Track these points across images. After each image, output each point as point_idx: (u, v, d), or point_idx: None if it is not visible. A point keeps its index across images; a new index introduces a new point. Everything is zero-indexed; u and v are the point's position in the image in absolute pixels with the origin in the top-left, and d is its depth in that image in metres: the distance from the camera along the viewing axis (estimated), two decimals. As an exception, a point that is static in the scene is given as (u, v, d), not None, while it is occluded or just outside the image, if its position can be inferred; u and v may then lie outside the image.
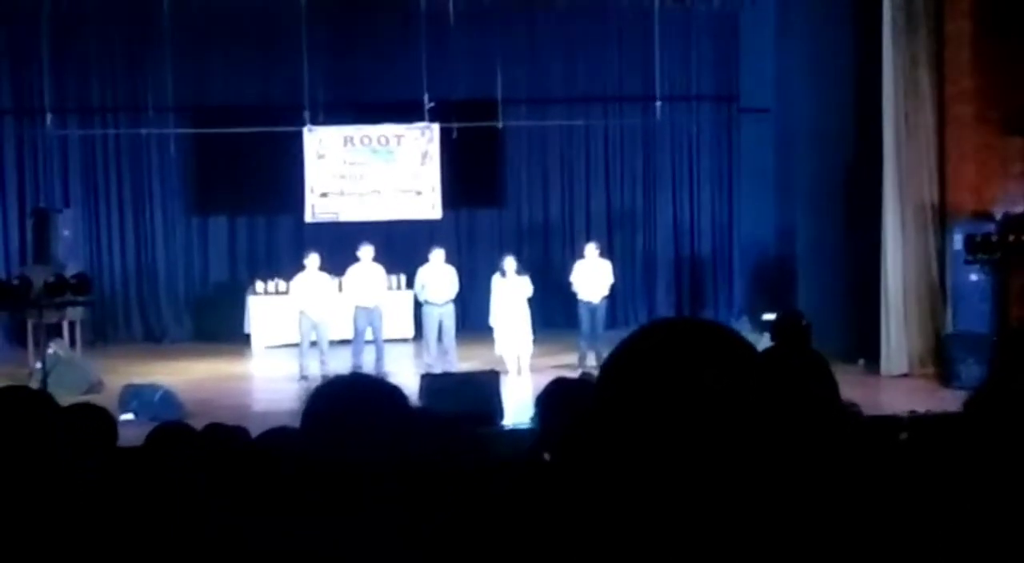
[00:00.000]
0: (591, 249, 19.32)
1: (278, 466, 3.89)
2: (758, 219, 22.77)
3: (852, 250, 18.70)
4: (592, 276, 18.95)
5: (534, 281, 18.77)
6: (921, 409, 10.93)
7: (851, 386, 9.55)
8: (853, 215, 18.72)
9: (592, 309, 18.81)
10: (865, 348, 17.80)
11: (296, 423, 2.91)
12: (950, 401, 11.93)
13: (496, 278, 18.73)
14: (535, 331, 18.69)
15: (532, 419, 5.69)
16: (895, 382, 17.00)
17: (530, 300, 18.60)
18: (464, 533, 2.44)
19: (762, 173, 22.61)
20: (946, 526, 2.40)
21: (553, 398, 5.46)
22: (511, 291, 18.48)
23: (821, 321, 17.16)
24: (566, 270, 19.72)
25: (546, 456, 4.91)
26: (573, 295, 19.03)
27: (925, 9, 17.55)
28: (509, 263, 18.61)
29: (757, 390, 1.88)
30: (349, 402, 2.85)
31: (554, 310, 20.97)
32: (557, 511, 2.07)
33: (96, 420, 5.35)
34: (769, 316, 17.75)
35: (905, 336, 17.55)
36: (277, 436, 4.77)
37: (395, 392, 2.91)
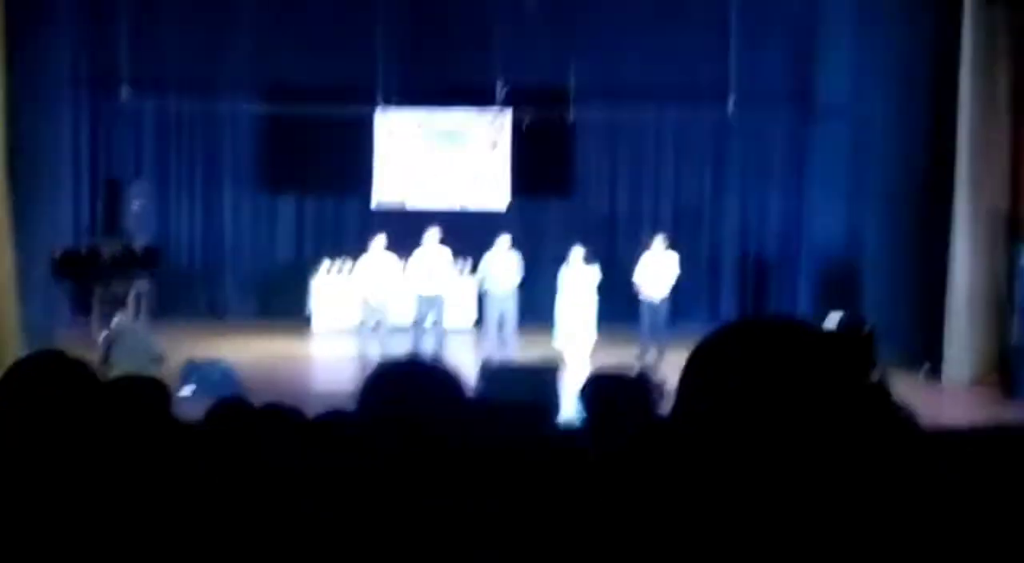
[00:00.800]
0: (658, 241, 19.25)
1: (332, 453, 3.89)
2: (827, 221, 22.60)
3: (921, 256, 18.54)
4: (657, 269, 18.89)
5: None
6: (982, 420, 10.82)
7: (912, 393, 9.44)
8: (923, 221, 18.55)
9: (654, 308, 18.76)
10: (930, 355, 17.67)
11: (353, 405, 2.91)
12: (1013, 413, 11.83)
13: (563, 270, 18.75)
14: (598, 324, 18.68)
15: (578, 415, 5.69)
16: (957, 391, 16.85)
17: (598, 289, 18.63)
18: (514, 532, 2.43)
19: (834, 174, 22.44)
20: (1007, 544, 2.37)
21: (592, 392, 5.44)
22: (578, 279, 18.50)
23: (887, 326, 17.09)
24: (631, 263, 19.65)
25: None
26: (636, 292, 18.99)
27: (1006, 14, 17.37)
28: (576, 252, 18.63)
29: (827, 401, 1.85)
30: (405, 387, 2.85)
31: (617, 304, 20.89)
32: (610, 512, 2.05)
33: (149, 392, 5.36)
34: (834, 316, 17.64)
35: (969, 346, 17.41)
36: (332, 419, 4.78)
37: (451, 379, 2.90)
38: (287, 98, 22.37)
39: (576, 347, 18.46)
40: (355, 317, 19.29)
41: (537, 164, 22.86)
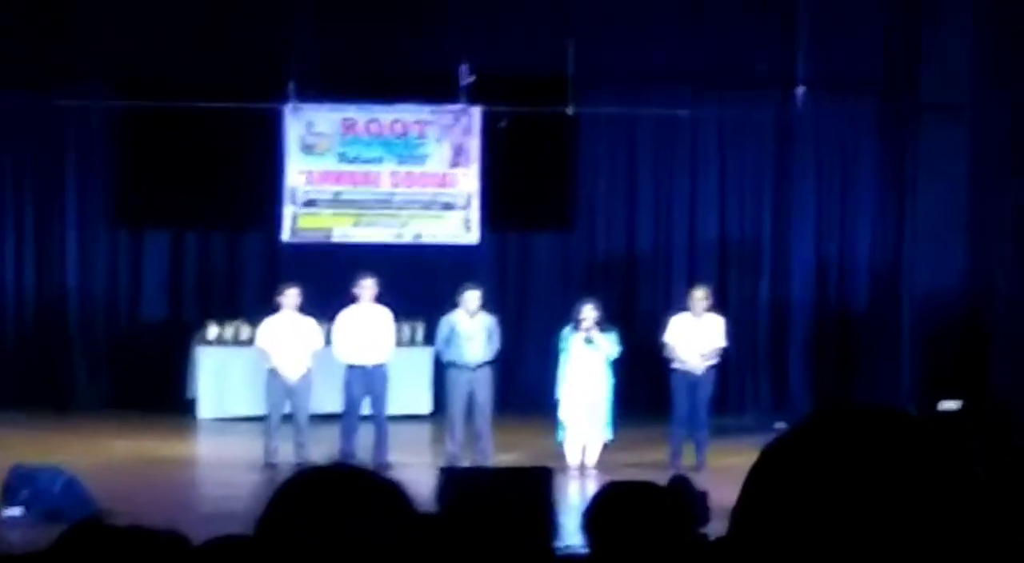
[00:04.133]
0: (698, 297, 19.24)
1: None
2: (939, 262, 22.67)
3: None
4: (696, 336, 18.90)
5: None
6: None
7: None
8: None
9: (693, 383, 18.75)
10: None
11: (250, 530, 2.90)
12: None
13: (568, 333, 18.69)
14: (612, 412, 18.67)
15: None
16: None
17: (613, 365, 18.60)
18: None
19: (948, 196, 22.52)
20: None
21: (606, 513, 5.41)
22: (589, 354, 18.46)
23: (1026, 413, 17.13)
24: (658, 325, 19.67)
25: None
26: (666, 362, 18.99)
27: None
28: (588, 312, 18.56)
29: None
30: (328, 505, 2.83)
31: (639, 381, 20.91)
32: None
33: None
34: (950, 404, 17.67)
35: None
36: (225, 549, 4.78)
37: (397, 493, 2.88)
38: (156, 90, 22.33)
39: (581, 444, 18.45)
40: (257, 403, 19.27)
41: (521, 181, 22.89)
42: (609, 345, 18.53)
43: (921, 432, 1.96)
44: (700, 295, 19.34)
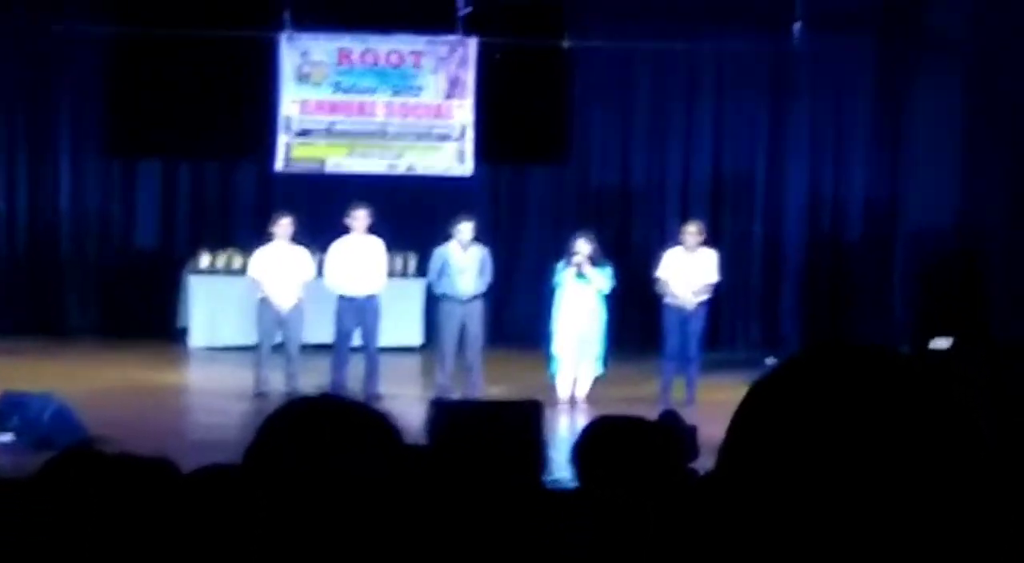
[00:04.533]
0: (691, 232, 19.18)
1: (213, 523, 3.88)
2: (933, 197, 22.61)
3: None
4: (689, 271, 18.87)
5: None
6: None
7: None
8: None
9: (684, 318, 18.73)
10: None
11: (239, 459, 2.89)
12: None
13: (562, 267, 18.66)
14: (604, 347, 18.66)
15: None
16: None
17: (607, 299, 18.57)
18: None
19: (944, 132, 22.45)
20: None
21: (596, 447, 5.41)
22: (582, 288, 18.44)
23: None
24: (651, 260, 19.63)
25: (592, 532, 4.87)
26: (658, 297, 18.97)
27: None
28: (582, 246, 18.50)
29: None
30: (317, 436, 2.83)
31: (631, 316, 20.90)
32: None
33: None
34: (942, 343, 17.66)
35: None
36: (215, 477, 4.77)
37: (386, 425, 2.88)
38: (150, 17, 22.22)
39: (572, 379, 18.44)
40: (249, 332, 19.26)
41: (516, 113, 22.83)
42: (601, 279, 18.49)
43: (909, 371, 1.95)
44: (693, 230, 19.28)
